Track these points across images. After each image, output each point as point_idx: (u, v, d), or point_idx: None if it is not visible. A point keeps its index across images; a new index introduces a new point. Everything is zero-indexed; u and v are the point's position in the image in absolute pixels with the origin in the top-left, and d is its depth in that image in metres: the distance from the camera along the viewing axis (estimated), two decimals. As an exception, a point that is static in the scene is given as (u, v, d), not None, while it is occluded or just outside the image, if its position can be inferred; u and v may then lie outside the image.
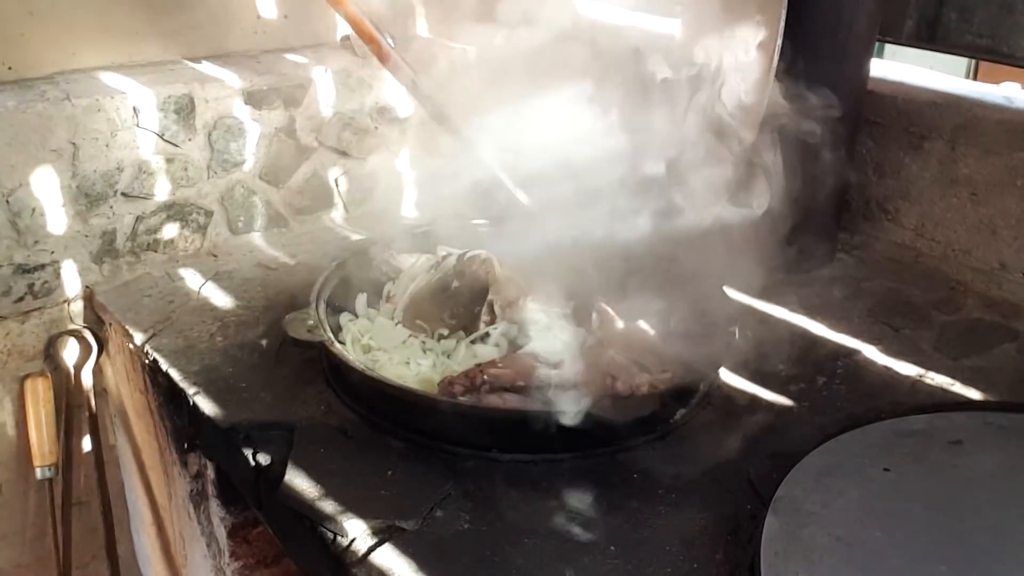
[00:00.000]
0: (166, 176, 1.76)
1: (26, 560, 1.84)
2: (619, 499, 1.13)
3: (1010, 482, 1.11)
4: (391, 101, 1.97)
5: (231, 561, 1.54)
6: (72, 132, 1.63)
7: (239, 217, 1.88)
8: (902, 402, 1.34)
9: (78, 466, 1.81)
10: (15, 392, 1.73)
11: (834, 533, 1.01)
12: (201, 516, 1.56)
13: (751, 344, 1.42)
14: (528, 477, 1.17)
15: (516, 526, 1.09)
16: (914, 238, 1.81)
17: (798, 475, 1.10)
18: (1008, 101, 1.68)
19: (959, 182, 1.71)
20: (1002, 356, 1.48)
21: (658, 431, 1.26)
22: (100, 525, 1.84)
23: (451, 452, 1.21)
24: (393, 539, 1.06)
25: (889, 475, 1.11)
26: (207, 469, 1.49)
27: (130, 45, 1.83)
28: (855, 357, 1.47)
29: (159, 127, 1.72)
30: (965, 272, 1.73)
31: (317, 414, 1.30)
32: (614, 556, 1.04)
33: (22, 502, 1.80)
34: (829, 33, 1.57)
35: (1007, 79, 2.04)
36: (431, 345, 1.44)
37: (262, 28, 1.98)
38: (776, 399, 1.35)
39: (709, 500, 1.13)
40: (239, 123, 1.81)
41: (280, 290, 1.67)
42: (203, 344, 1.49)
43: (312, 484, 1.15)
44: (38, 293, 1.69)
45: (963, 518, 1.04)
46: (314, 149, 1.92)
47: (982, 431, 1.22)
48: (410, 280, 1.52)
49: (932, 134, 1.73)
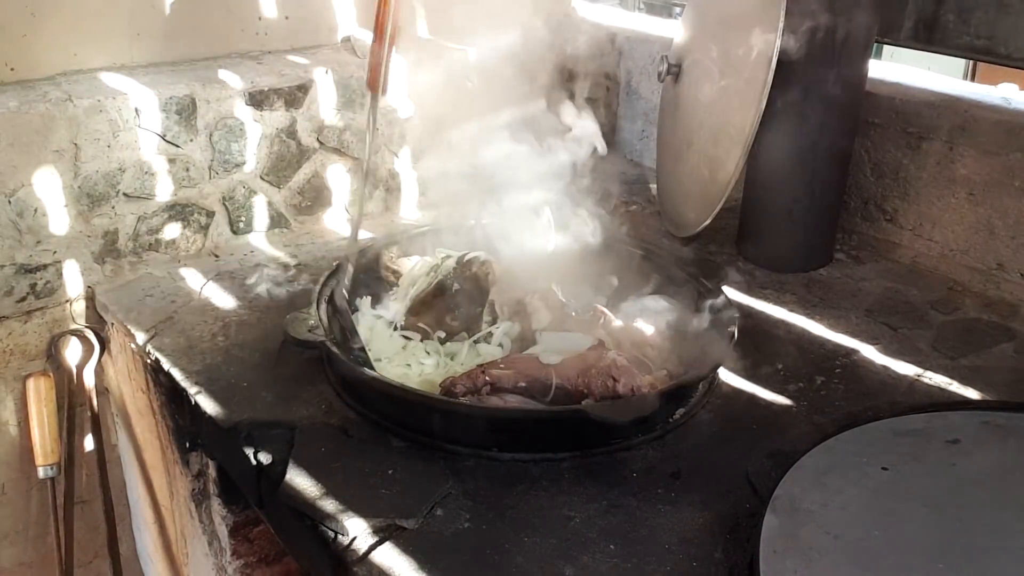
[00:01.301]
0: (168, 176, 1.77)
1: (28, 558, 1.85)
2: (619, 498, 1.14)
3: (1007, 481, 1.11)
4: (392, 102, 1.98)
5: (232, 559, 1.55)
6: (74, 133, 1.64)
7: (240, 217, 1.88)
8: (900, 401, 1.34)
9: (80, 465, 1.82)
10: (18, 391, 1.74)
11: (832, 532, 1.01)
12: (203, 515, 1.57)
13: (749, 344, 1.43)
14: (528, 476, 1.18)
15: (516, 525, 1.09)
16: (912, 238, 1.82)
17: (797, 474, 1.11)
18: (1006, 102, 1.69)
19: (957, 182, 1.72)
20: (1000, 355, 1.49)
21: (658, 430, 1.26)
22: (102, 524, 1.85)
23: (451, 451, 1.21)
24: (394, 538, 1.07)
25: (887, 474, 1.11)
26: (209, 468, 1.49)
27: (132, 46, 1.84)
28: (853, 357, 1.48)
29: (161, 128, 1.73)
30: (963, 272, 1.73)
31: (318, 413, 1.31)
32: (613, 555, 1.05)
33: (24, 501, 1.81)
34: (827, 34, 1.58)
35: (1005, 80, 2.04)
36: (434, 347, 1.44)
37: (263, 29, 1.99)
38: (775, 398, 1.35)
39: (708, 499, 1.14)
40: (240, 124, 1.81)
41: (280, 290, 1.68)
42: (205, 344, 1.49)
43: (313, 483, 1.15)
44: (40, 293, 1.69)
45: (961, 517, 1.04)
46: (315, 150, 1.93)
47: (980, 430, 1.22)
48: (410, 284, 1.53)
49: (930, 135, 1.74)
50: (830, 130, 1.66)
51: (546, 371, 1.28)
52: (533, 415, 1.25)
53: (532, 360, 1.31)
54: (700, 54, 1.80)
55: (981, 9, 1.64)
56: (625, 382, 1.23)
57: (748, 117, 1.54)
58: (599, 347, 1.32)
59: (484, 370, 1.27)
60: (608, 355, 1.28)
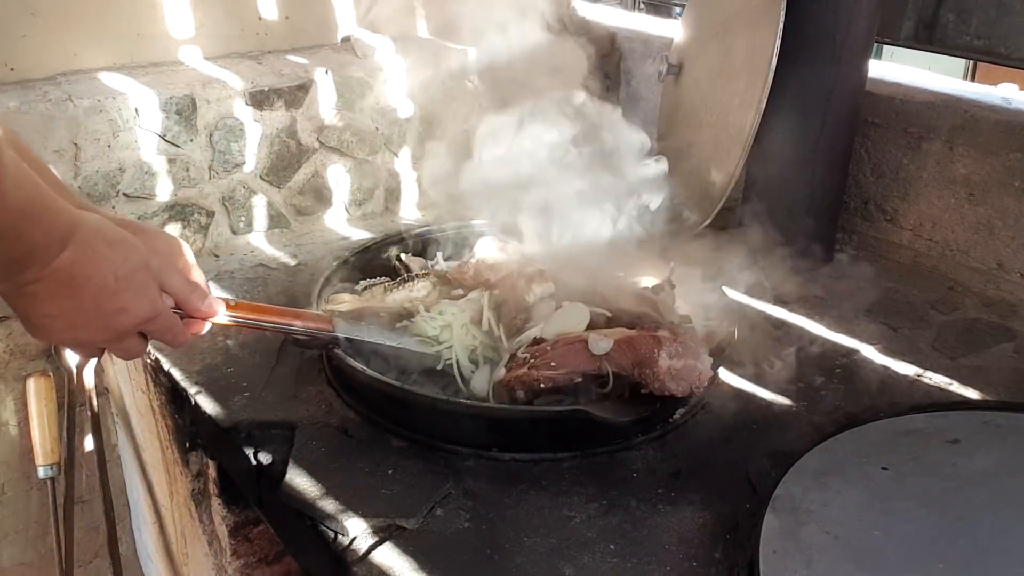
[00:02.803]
0: (168, 176, 1.77)
1: (28, 558, 1.85)
2: (619, 498, 1.14)
3: (1008, 481, 1.11)
4: (392, 102, 1.98)
5: (232, 559, 1.55)
6: (74, 133, 1.64)
7: (240, 217, 1.88)
8: (900, 401, 1.34)
9: (80, 465, 1.82)
10: (18, 391, 1.74)
11: (832, 532, 1.01)
12: (203, 515, 1.57)
13: (750, 344, 1.43)
14: (528, 476, 1.18)
15: (516, 525, 1.09)
16: (912, 238, 1.82)
17: (796, 474, 1.11)
18: (1005, 102, 1.69)
19: (957, 182, 1.72)
20: (1000, 355, 1.49)
21: (657, 430, 1.26)
22: (102, 524, 1.85)
23: (451, 451, 1.21)
24: (394, 538, 1.07)
25: (887, 474, 1.11)
26: (208, 468, 1.49)
27: (131, 46, 1.84)
28: (853, 357, 1.48)
29: (161, 128, 1.73)
30: (963, 272, 1.73)
31: (318, 413, 1.31)
32: (613, 555, 1.05)
33: (24, 501, 1.81)
34: (827, 34, 1.58)
35: (1004, 80, 2.04)
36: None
37: (264, 29, 1.99)
38: (774, 398, 1.35)
39: (708, 499, 1.14)
40: (240, 124, 1.81)
41: (281, 290, 1.68)
42: (204, 343, 1.49)
43: (313, 483, 1.15)
44: (40, 293, 1.69)
45: (961, 517, 1.04)
46: (315, 150, 1.93)
47: (980, 430, 1.22)
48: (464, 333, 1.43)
49: (930, 135, 1.74)
50: (830, 130, 1.66)
51: (598, 362, 1.23)
52: (533, 415, 1.25)
53: (581, 351, 1.25)
54: (700, 54, 1.80)
55: (981, 9, 1.64)
56: (682, 383, 1.19)
57: (748, 117, 1.54)
58: (647, 330, 1.26)
59: (538, 373, 1.23)
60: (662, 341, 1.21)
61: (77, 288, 0.86)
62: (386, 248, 1.63)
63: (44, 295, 0.85)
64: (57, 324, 0.88)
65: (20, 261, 0.81)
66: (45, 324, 0.88)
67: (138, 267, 0.90)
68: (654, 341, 1.22)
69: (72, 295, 0.86)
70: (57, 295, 0.85)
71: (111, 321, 0.90)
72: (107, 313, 0.89)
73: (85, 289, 0.86)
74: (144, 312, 0.92)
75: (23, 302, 0.86)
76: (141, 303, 0.91)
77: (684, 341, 1.22)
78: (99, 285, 0.87)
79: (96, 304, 0.88)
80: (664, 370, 1.20)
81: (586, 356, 1.24)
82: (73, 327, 0.89)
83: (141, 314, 0.92)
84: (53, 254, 0.82)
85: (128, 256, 0.89)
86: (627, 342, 1.24)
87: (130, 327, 0.92)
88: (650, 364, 1.20)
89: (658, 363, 1.20)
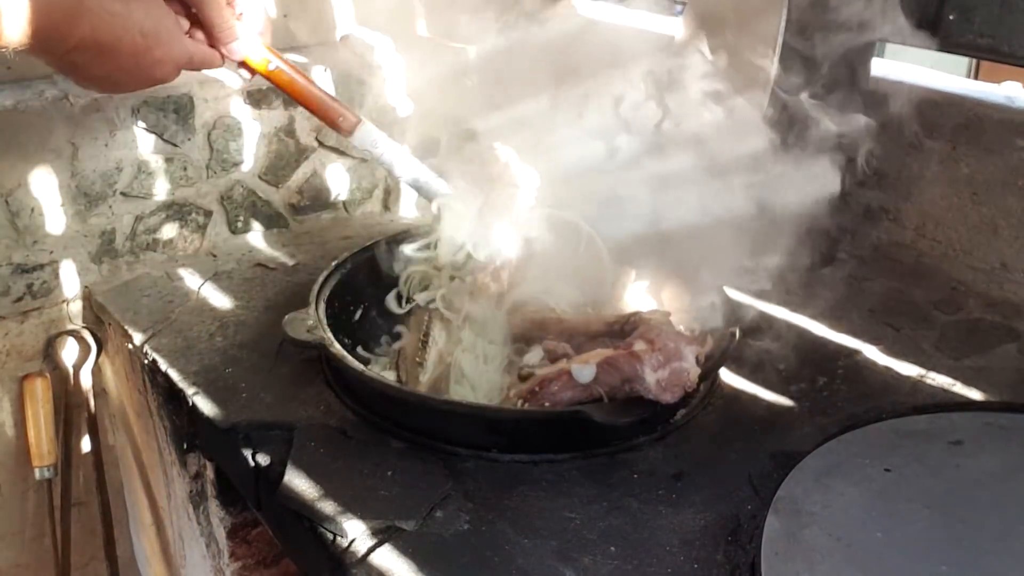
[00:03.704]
0: (165, 176, 1.76)
1: (25, 560, 1.84)
2: (619, 499, 1.13)
3: (1011, 483, 1.10)
4: (391, 101, 1.97)
5: (230, 561, 1.54)
6: (71, 132, 1.63)
7: (238, 217, 1.87)
8: (903, 402, 1.34)
9: (77, 466, 1.81)
10: (14, 392, 1.73)
11: (835, 533, 1.00)
12: (200, 516, 1.56)
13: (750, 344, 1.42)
14: (528, 477, 1.17)
15: (516, 526, 1.08)
16: (915, 238, 1.81)
17: (799, 475, 1.10)
18: (1009, 100, 1.68)
19: (960, 182, 1.71)
20: (1003, 356, 1.48)
21: (658, 431, 1.25)
22: (99, 525, 1.84)
23: (451, 452, 1.21)
24: (393, 539, 1.06)
25: (890, 475, 1.11)
26: (206, 469, 1.49)
27: (129, 44, 1.83)
28: (856, 357, 1.47)
29: (158, 126, 1.72)
30: (966, 272, 1.72)
31: (316, 414, 1.30)
32: (614, 556, 1.04)
33: (21, 502, 1.80)
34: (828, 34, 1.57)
35: (1008, 78, 2.03)
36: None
37: (262, 28, 1.98)
38: (776, 399, 1.35)
39: (710, 500, 1.13)
40: (238, 123, 1.81)
41: (280, 290, 1.67)
42: (202, 344, 1.49)
43: (311, 484, 1.14)
44: (37, 293, 1.69)
45: (964, 519, 1.03)
46: (314, 149, 1.92)
47: (983, 432, 1.22)
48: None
49: (933, 134, 1.73)
50: (830, 130, 1.65)
51: (590, 389, 1.22)
52: (533, 416, 1.24)
53: (570, 385, 1.23)
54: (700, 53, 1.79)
55: (984, 7, 1.63)
56: (674, 390, 1.17)
57: (750, 116, 1.54)
58: (624, 347, 1.24)
59: (542, 394, 1.23)
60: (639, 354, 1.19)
61: (111, 52, 0.94)
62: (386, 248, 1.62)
63: (83, 63, 0.94)
64: (106, 84, 1.01)
65: (42, 38, 0.87)
66: (96, 85, 1.01)
67: (160, 18, 1.00)
68: (633, 358, 1.19)
69: (110, 59, 0.95)
70: (95, 62, 0.95)
71: (153, 73, 1.03)
72: (147, 67, 1.01)
73: (118, 51, 0.95)
74: (179, 59, 1.06)
75: (69, 70, 0.96)
76: (172, 52, 1.04)
77: (663, 346, 1.19)
78: (130, 45, 0.96)
79: (135, 62, 0.98)
80: (653, 385, 1.18)
81: (577, 388, 1.22)
82: (121, 83, 1.01)
83: (177, 62, 1.06)
84: (66, 28, 0.88)
85: (148, 10, 0.97)
86: (609, 363, 1.21)
87: (172, 73, 1.06)
88: (638, 380, 1.19)
89: (645, 380, 1.18)
